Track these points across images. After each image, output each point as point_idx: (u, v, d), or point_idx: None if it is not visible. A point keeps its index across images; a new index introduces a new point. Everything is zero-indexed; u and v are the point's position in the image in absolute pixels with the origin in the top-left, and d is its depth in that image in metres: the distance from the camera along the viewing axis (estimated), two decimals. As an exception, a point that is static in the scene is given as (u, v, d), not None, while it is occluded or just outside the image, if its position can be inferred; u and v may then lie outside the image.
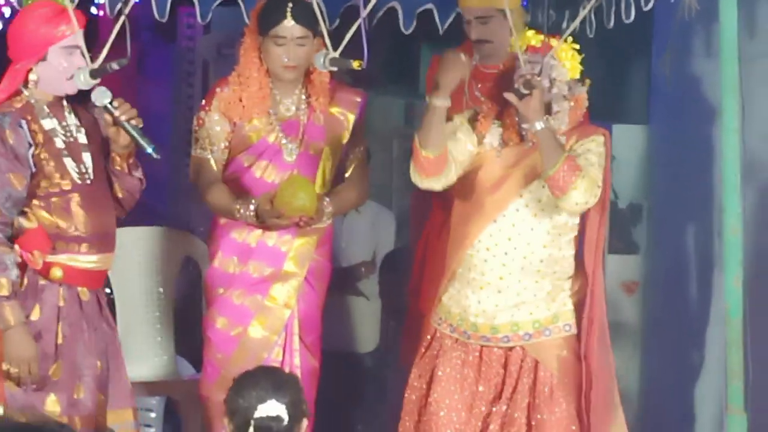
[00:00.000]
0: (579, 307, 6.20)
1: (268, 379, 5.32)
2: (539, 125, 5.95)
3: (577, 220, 6.15)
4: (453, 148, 6.16)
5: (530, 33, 6.25)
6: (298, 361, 6.53)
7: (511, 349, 6.16)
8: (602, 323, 6.20)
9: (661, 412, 6.82)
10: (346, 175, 6.72)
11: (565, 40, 6.18)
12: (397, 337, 7.71)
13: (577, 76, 6.16)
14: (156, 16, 7.49)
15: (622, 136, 7.85)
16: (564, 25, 7.10)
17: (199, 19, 7.71)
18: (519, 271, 6.13)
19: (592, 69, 7.00)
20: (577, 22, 6.52)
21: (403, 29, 7.58)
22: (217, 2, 7.47)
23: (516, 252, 6.13)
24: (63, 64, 5.89)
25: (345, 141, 6.68)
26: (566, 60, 6.11)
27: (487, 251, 6.17)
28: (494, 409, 6.13)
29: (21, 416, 5.39)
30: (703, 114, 7.29)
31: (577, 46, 6.18)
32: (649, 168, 7.97)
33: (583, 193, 5.91)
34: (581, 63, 6.20)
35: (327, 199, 6.51)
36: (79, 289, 5.91)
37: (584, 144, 6.07)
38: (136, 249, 7.39)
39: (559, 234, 6.13)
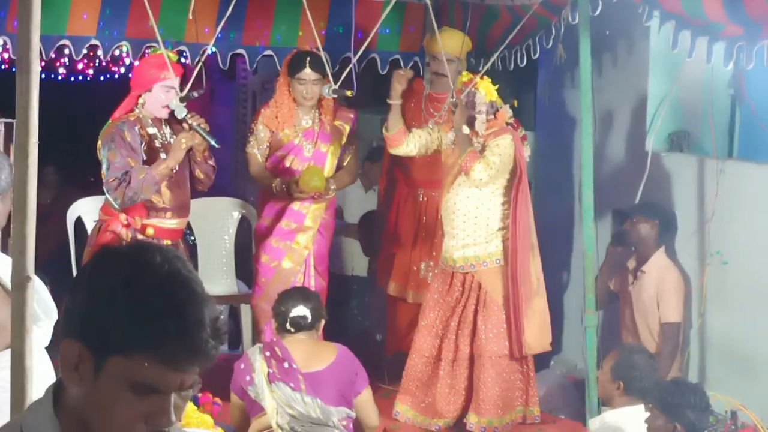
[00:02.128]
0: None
1: (299, 293, 5.41)
2: (458, 130, 6.12)
3: (497, 191, 6.14)
4: (414, 134, 6.40)
5: (464, 73, 6.33)
6: (313, 282, 6.50)
7: (465, 275, 6.21)
8: (523, 259, 6.17)
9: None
10: (344, 164, 6.68)
11: (482, 78, 6.19)
12: (373, 267, 7.71)
13: (494, 99, 6.15)
14: (220, 65, 7.54)
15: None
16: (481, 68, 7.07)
17: (248, 66, 7.76)
18: (463, 224, 6.18)
19: (498, 94, 7.07)
20: (486, 67, 6.54)
21: (380, 71, 7.63)
22: (260, 56, 7.53)
23: (460, 212, 6.19)
24: (161, 96, 5.92)
25: (343, 142, 6.65)
26: (483, 89, 6.13)
27: (446, 212, 6.26)
28: (454, 316, 6.21)
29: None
30: (568, 124, 7.31)
31: (489, 79, 6.19)
32: (536, 158, 7.87)
33: (479, 172, 6.01)
34: (498, 91, 6.22)
35: (332, 180, 6.50)
36: (165, 240, 5.86)
37: (495, 140, 6.10)
38: (213, 211, 7.35)
39: (486, 201, 6.15)
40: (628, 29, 6.57)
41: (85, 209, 6.80)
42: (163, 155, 5.93)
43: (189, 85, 6.06)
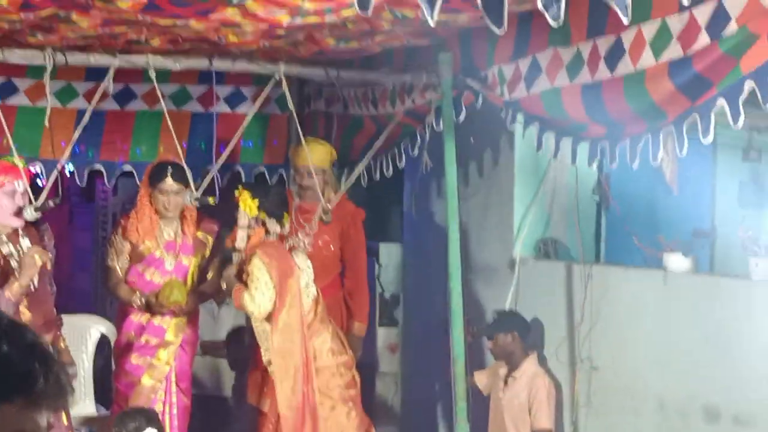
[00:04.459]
0: None
1: (141, 415, 5.24)
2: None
3: None
4: None
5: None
6: (175, 399, 6.39)
7: None
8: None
9: (416, 423, 6.77)
10: (208, 276, 6.57)
11: (243, 192, 6.00)
12: (239, 384, 7.53)
13: (255, 214, 5.93)
14: (78, 182, 7.44)
15: (386, 250, 7.90)
16: (344, 179, 7.08)
17: (106, 181, 7.67)
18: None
19: (366, 207, 7.08)
20: (352, 178, 6.58)
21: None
22: (118, 173, 7.47)
23: None
24: (3, 203, 5.68)
25: (207, 254, 6.56)
26: (242, 204, 5.95)
27: None
28: None
29: None
30: (436, 234, 7.32)
31: (249, 193, 5.98)
32: (403, 271, 7.96)
33: (250, 306, 5.85)
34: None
35: (193, 294, 6.42)
36: None
37: (250, 266, 5.90)
38: (70, 329, 6.96)
39: None
40: (493, 134, 6.66)
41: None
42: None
43: (44, 193, 5.90)
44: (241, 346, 7.33)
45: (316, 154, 6.69)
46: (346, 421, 5.94)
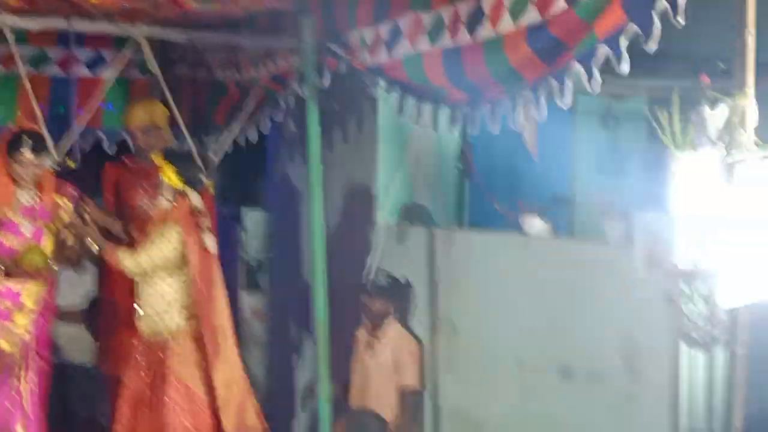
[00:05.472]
0: None
1: None
2: None
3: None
4: None
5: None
6: (34, 364, 6.25)
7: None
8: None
9: (277, 391, 6.76)
10: (67, 241, 6.33)
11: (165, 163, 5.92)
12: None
13: (176, 185, 5.87)
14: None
15: (250, 216, 7.89)
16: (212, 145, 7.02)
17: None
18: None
19: (231, 174, 7.03)
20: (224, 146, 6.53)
21: (107, 149, 7.49)
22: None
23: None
24: None
25: (65, 219, 6.36)
26: (164, 176, 5.90)
27: None
28: None
29: None
30: (299, 199, 7.34)
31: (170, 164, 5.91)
32: (267, 237, 7.94)
33: (128, 265, 5.95)
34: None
35: (52, 259, 6.28)
36: None
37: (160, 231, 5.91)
38: None
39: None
40: (357, 100, 6.66)
41: None
42: None
43: None
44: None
45: (156, 111, 6.67)
46: None
